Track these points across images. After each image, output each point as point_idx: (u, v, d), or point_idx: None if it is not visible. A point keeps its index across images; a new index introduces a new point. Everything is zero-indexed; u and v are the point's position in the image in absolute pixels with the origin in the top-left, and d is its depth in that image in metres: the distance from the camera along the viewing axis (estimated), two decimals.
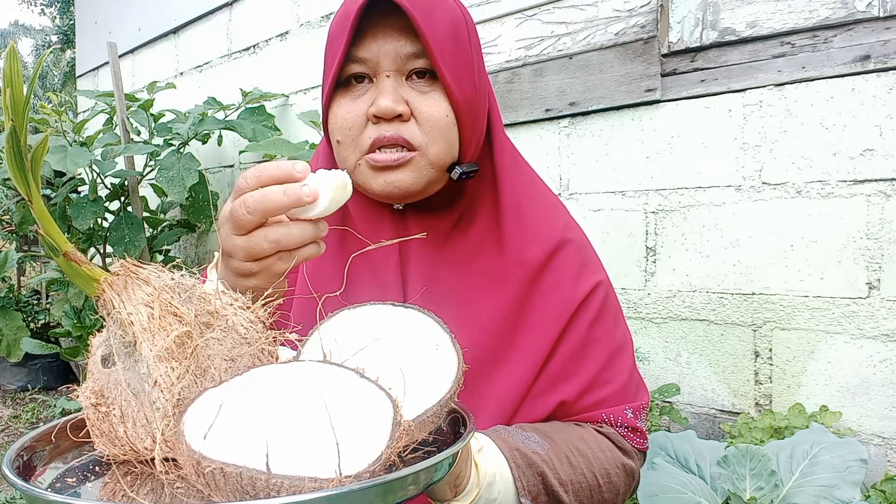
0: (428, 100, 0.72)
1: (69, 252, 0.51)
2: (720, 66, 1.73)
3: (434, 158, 0.73)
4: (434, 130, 0.72)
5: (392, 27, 0.70)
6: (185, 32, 3.64)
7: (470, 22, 0.76)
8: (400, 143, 0.71)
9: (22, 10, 37.22)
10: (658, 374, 1.88)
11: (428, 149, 0.72)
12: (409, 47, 0.71)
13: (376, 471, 0.41)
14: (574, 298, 0.80)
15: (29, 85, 0.51)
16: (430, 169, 0.73)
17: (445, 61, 0.70)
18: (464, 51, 0.73)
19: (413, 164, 0.72)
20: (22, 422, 3.37)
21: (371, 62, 0.72)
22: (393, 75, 0.72)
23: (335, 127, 0.74)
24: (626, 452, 0.80)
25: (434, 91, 0.72)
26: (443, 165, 0.74)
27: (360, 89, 0.73)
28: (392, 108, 0.70)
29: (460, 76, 0.72)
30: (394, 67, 0.71)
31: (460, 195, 0.81)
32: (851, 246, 1.55)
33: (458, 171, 0.75)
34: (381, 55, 0.71)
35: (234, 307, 0.54)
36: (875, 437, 1.54)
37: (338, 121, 0.74)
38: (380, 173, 0.72)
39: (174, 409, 0.47)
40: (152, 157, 3.04)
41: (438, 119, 0.72)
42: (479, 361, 0.76)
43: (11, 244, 4.71)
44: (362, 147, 0.72)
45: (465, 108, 0.73)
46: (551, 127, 2.07)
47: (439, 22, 0.70)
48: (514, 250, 0.79)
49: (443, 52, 0.70)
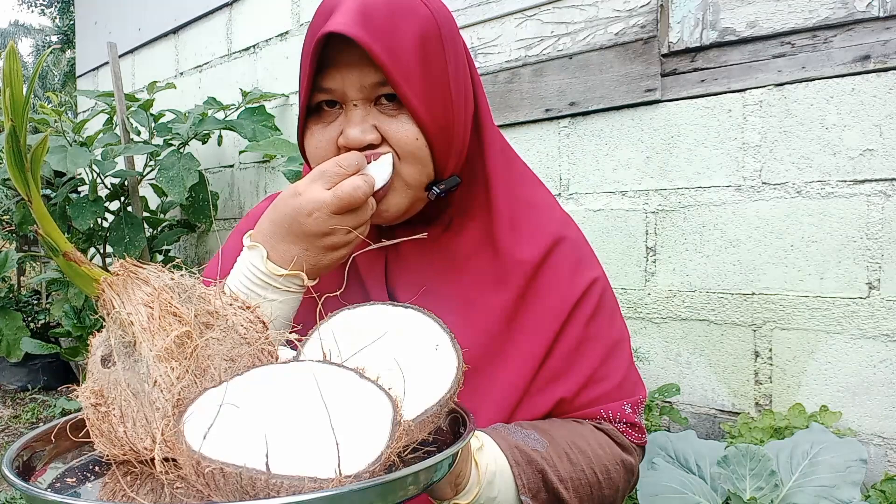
0: (396, 123, 0.71)
1: (69, 252, 0.51)
2: (720, 66, 1.73)
3: (409, 180, 0.73)
4: (405, 154, 0.72)
5: (354, 56, 0.69)
6: (185, 32, 3.64)
7: (445, 27, 0.73)
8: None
9: (22, 10, 37.20)
10: (658, 374, 1.88)
11: (402, 171, 0.72)
12: (372, 76, 0.69)
13: (376, 471, 0.41)
14: (570, 296, 0.80)
15: (29, 85, 0.51)
16: (408, 191, 0.73)
17: (412, 87, 0.69)
18: (433, 68, 0.71)
19: (393, 189, 0.72)
20: (22, 422, 3.37)
21: (337, 92, 0.71)
22: (360, 103, 0.71)
23: (310, 153, 0.75)
24: (624, 448, 0.80)
25: (403, 114, 0.71)
26: (419, 185, 0.74)
27: (331, 115, 0.73)
28: (360, 139, 0.70)
29: (430, 98, 0.71)
30: (360, 96, 0.71)
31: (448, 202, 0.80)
32: (851, 246, 1.55)
33: (434, 191, 0.75)
34: (346, 86, 0.70)
35: (234, 307, 0.54)
36: (875, 437, 1.54)
37: (311, 150, 0.74)
38: None
39: (174, 409, 0.47)
40: (152, 157, 3.04)
41: (408, 143, 0.71)
42: (478, 360, 0.76)
43: (11, 244, 4.71)
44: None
45: (437, 130, 0.72)
46: (551, 127, 2.07)
47: (403, 45, 0.68)
48: (509, 250, 0.79)
49: (408, 76, 0.68)
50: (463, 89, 0.75)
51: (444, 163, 0.74)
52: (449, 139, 0.74)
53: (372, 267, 0.80)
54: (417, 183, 0.73)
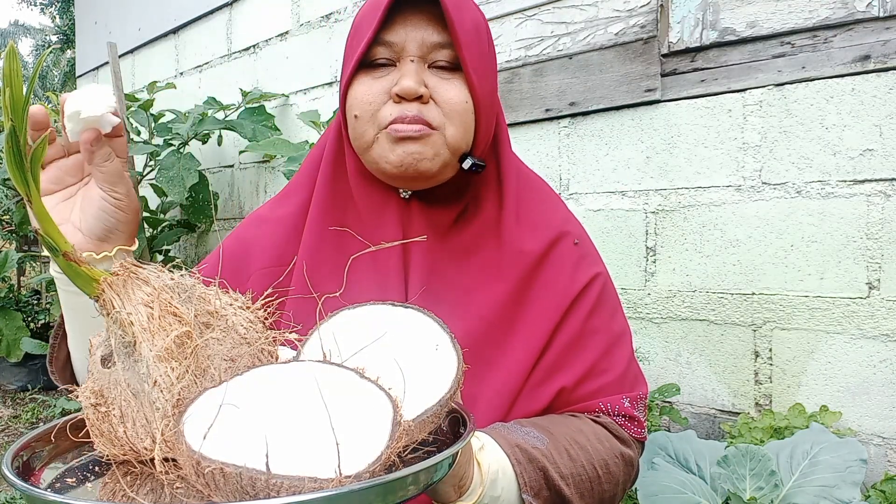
0: (448, 85, 0.74)
1: (69, 252, 0.51)
2: (720, 66, 1.73)
3: (451, 140, 0.75)
4: (452, 113, 0.74)
5: (421, 16, 0.73)
6: (185, 32, 3.64)
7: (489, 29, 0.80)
8: (420, 122, 0.73)
9: (22, 10, 37.22)
10: (658, 374, 1.88)
11: (445, 129, 0.74)
12: (435, 37, 0.73)
13: (376, 471, 0.41)
14: (572, 289, 0.81)
15: (29, 85, 0.51)
16: (446, 150, 0.75)
17: (470, 54, 0.73)
18: (485, 49, 0.76)
19: (432, 140, 0.74)
20: (22, 422, 3.37)
21: (397, 46, 0.74)
22: (417, 60, 0.74)
23: (354, 102, 0.75)
24: (623, 441, 0.81)
25: (455, 79, 0.75)
26: (457, 150, 0.76)
27: (382, 72, 0.75)
28: (415, 89, 0.72)
29: (481, 71, 0.75)
30: (418, 53, 0.74)
31: (465, 189, 0.82)
32: (851, 246, 1.55)
33: (469, 161, 0.77)
34: (408, 40, 0.73)
35: (234, 307, 0.54)
36: (875, 437, 1.54)
37: (358, 96, 0.75)
38: (399, 144, 0.73)
39: (174, 409, 0.47)
40: (152, 157, 3.03)
41: (458, 103, 0.74)
42: (479, 350, 0.77)
43: (11, 244, 4.71)
44: (381, 122, 0.74)
45: (483, 101, 0.75)
46: (551, 127, 2.07)
47: (467, 18, 0.74)
48: (514, 243, 0.81)
49: (469, 45, 0.73)
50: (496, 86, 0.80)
51: (481, 136, 0.77)
52: (489, 116, 0.77)
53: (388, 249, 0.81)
54: (456, 145, 0.75)
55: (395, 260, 0.79)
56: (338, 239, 0.82)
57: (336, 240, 0.82)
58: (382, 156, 0.74)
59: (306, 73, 2.91)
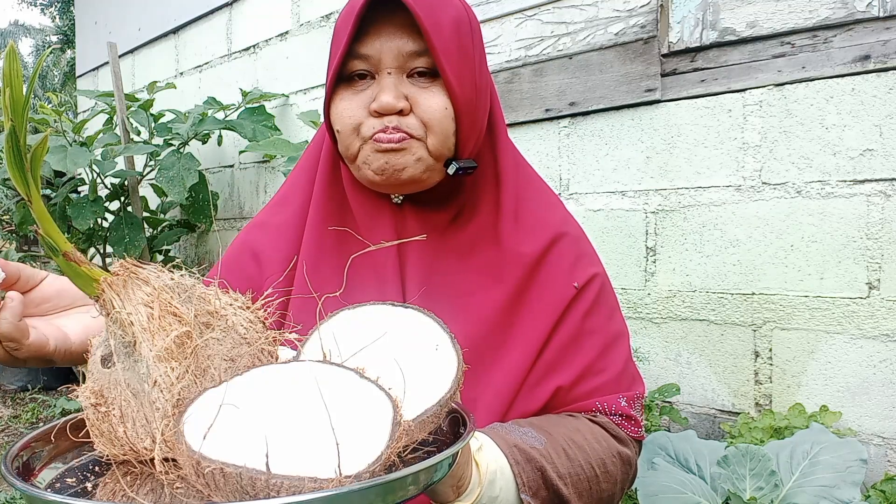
0: (427, 94, 0.74)
1: (69, 252, 0.51)
2: (720, 66, 1.73)
3: (432, 148, 0.75)
4: (432, 122, 0.74)
5: (395, 25, 0.72)
6: (185, 32, 3.63)
7: (474, 21, 0.78)
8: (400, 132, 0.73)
9: (22, 10, 37.19)
10: (658, 374, 1.88)
11: (426, 138, 0.74)
12: (411, 45, 0.72)
13: (376, 471, 0.41)
14: (569, 289, 0.81)
15: (29, 85, 0.51)
16: (429, 157, 0.75)
17: (448, 59, 0.72)
18: (466, 50, 0.74)
19: (413, 150, 0.74)
20: (22, 422, 3.36)
21: (373, 59, 0.73)
22: (394, 72, 0.73)
23: (337, 118, 0.76)
24: (621, 441, 0.81)
25: (434, 87, 0.74)
26: (440, 156, 0.76)
27: (361, 85, 0.75)
28: (393, 104, 0.72)
29: (461, 74, 0.74)
30: (395, 65, 0.73)
31: (459, 191, 0.82)
32: (851, 246, 1.55)
33: (454, 166, 0.77)
34: (384, 52, 0.73)
35: (234, 307, 0.54)
36: (875, 437, 1.54)
37: (339, 112, 0.76)
38: (382, 154, 0.74)
39: (174, 409, 0.47)
40: (152, 157, 3.03)
41: (437, 111, 0.74)
42: (477, 351, 0.77)
43: (11, 244, 4.71)
44: (364, 135, 0.74)
45: (465, 106, 0.75)
46: (551, 127, 2.06)
47: (442, 20, 0.72)
48: (512, 244, 0.81)
49: (445, 49, 0.72)
50: (485, 80, 0.79)
51: (465, 140, 0.77)
52: (473, 118, 0.76)
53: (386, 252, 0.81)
54: (438, 153, 0.75)
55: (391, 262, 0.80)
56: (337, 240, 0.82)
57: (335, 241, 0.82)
58: (366, 165, 0.76)
59: (306, 73, 2.91)
